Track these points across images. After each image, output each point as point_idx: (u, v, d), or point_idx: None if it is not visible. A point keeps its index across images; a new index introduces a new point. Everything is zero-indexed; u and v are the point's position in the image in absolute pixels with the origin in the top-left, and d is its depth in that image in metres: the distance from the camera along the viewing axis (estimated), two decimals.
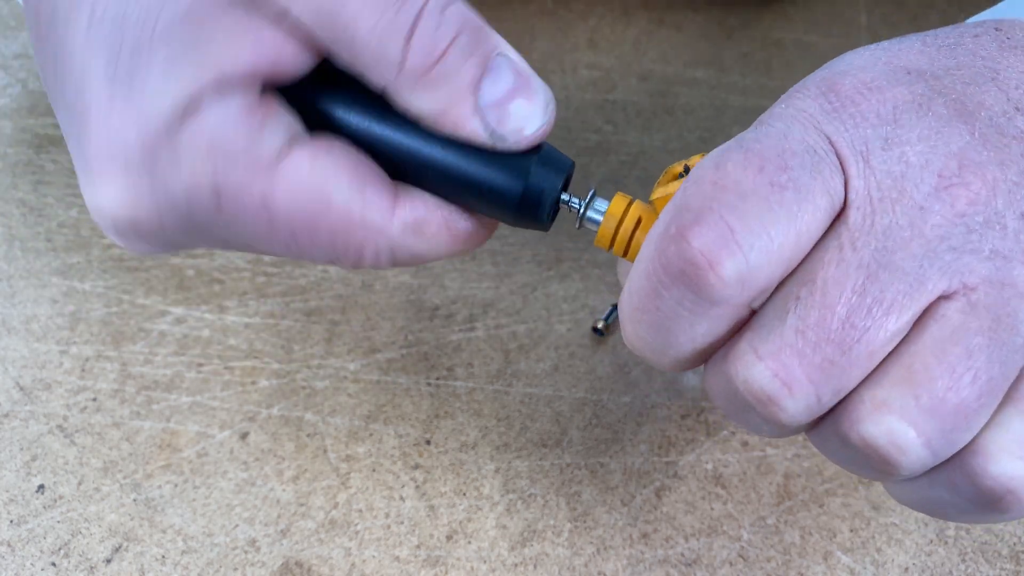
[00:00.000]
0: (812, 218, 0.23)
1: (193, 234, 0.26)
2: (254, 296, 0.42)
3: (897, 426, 0.23)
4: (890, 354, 0.23)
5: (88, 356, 0.40)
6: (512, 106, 0.26)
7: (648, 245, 0.24)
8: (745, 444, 0.38)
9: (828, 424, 0.25)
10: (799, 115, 0.24)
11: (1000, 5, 0.30)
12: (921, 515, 0.36)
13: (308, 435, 0.38)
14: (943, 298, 0.23)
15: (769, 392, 0.24)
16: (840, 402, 0.24)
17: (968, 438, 0.23)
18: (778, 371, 0.23)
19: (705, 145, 0.48)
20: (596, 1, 0.55)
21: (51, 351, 0.40)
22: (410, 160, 0.27)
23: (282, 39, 0.25)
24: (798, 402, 0.24)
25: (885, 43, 0.27)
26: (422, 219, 0.27)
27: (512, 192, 0.27)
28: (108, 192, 0.25)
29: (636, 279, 0.25)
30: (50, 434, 0.38)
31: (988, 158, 0.23)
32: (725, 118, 0.49)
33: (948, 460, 0.24)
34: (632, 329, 0.26)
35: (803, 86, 0.25)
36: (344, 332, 0.41)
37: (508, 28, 0.54)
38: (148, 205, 0.25)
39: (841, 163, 0.24)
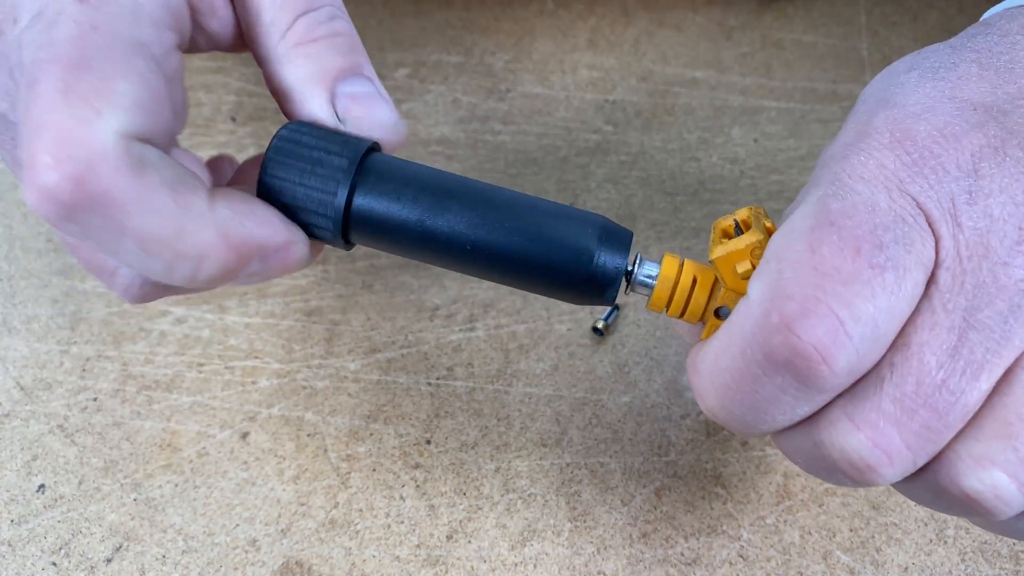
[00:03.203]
0: (910, 293, 0.23)
1: (24, 23, 0.26)
2: (254, 296, 0.42)
3: (1000, 479, 0.23)
4: (982, 407, 0.23)
5: (89, 356, 0.40)
6: (361, 103, 0.29)
7: (743, 329, 0.24)
8: (745, 444, 0.38)
9: (921, 478, 0.25)
10: (880, 174, 0.24)
11: None
12: (920, 515, 0.36)
13: (308, 435, 0.38)
14: None
15: (869, 461, 0.24)
16: (934, 457, 0.24)
17: None
18: (877, 440, 0.23)
19: (705, 146, 0.48)
20: (596, 1, 0.55)
21: (52, 351, 0.40)
22: (471, 246, 0.27)
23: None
24: (896, 469, 0.24)
25: (941, 67, 0.26)
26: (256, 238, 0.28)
27: (579, 275, 0.27)
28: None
29: (728, 359, 0.25)
30: (51, 434, 0.38)
31: None
32: (725, 118, 0.49)
33: None
34: (718, 403, 0.26)
35: (872, 128, 0.25)
36: (344, 332, 0.41)
37: (508, 29, 0.54)
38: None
39: (931, 225, 0.23)
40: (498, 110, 0.50)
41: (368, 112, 0.28)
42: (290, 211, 0.28)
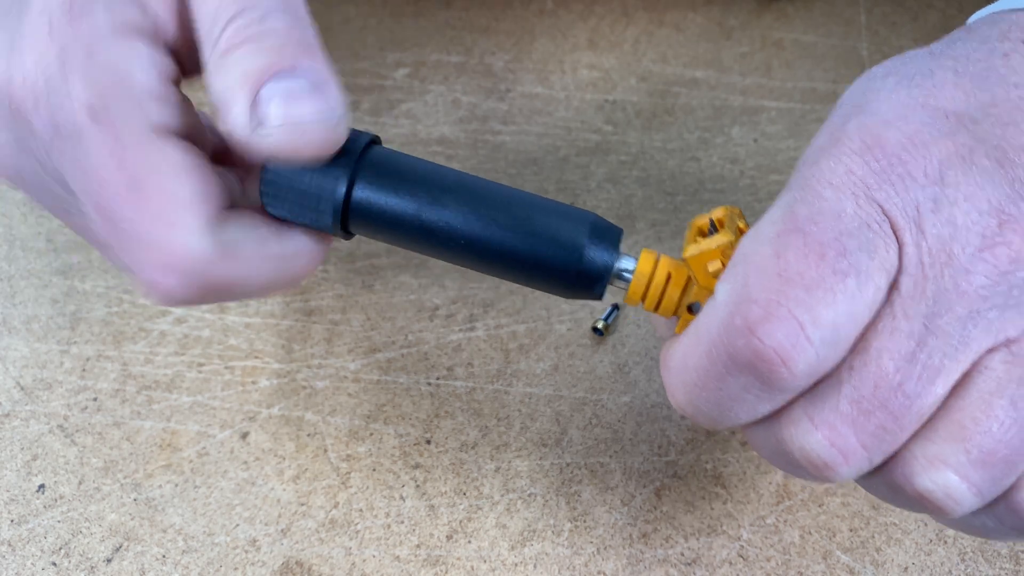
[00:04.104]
0: (872, 298, 0.23)
1: (45, 139, 0.26)
2: None
3: (951, 479, 0.24)
4: (938, 409, 0.24)
5: (89, 356, 0.40)
6: (282, 101, 0.25)
7: (709, 329, 0.25)
8: (745, 444, 0.38)
9: (878, 475, 0.26)
10: (848, 181, 0.24)
11: None
12: (921, 515, 0.36)
13: (308, 435, 0.38)
14: (987, 351, 0.24)
15: (826, 459, 0.24)
16: (891, 457, 0.25)
17: (1014, 480, 0.24)
18: (834, 440, 0.24)
19: (705, 146, 0.48)
20: (596, 1, 0.55)
21: (52, 351, 0.40)
22: (464, 240, 0.28)
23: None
24: (852, 468, 0.24)
25: (917, 74, 0.26)
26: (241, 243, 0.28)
27: (568, 269, 0.28)
28: (29, 48, 0.26)
29: (695, 358, 0.25)
30: (51, 434, 0.38)
31: None
32: (725, 118, 0.49)
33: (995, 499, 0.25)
34: (686, 399, 0.27)
35: (844, 134, 0.25)
36: (344, 332, 0.41)
37: (508, 28, 0.54)
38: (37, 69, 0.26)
39: (895, 231, 0.24)
40: (498, 110, 0.50)
41: (286, 110, 0.25)
42: (293, 202, 0.28)
